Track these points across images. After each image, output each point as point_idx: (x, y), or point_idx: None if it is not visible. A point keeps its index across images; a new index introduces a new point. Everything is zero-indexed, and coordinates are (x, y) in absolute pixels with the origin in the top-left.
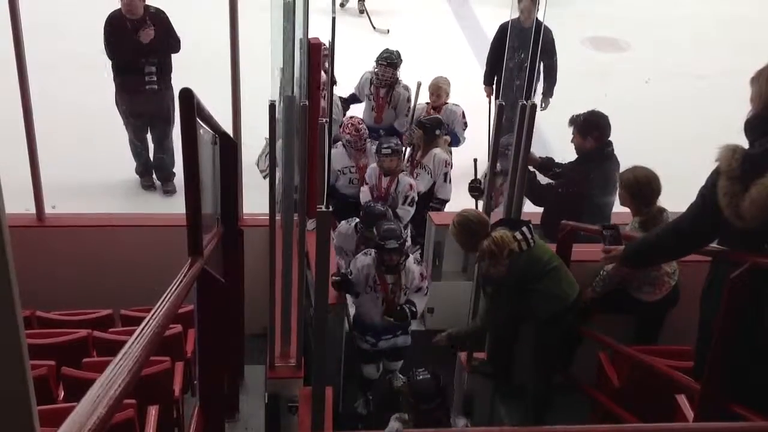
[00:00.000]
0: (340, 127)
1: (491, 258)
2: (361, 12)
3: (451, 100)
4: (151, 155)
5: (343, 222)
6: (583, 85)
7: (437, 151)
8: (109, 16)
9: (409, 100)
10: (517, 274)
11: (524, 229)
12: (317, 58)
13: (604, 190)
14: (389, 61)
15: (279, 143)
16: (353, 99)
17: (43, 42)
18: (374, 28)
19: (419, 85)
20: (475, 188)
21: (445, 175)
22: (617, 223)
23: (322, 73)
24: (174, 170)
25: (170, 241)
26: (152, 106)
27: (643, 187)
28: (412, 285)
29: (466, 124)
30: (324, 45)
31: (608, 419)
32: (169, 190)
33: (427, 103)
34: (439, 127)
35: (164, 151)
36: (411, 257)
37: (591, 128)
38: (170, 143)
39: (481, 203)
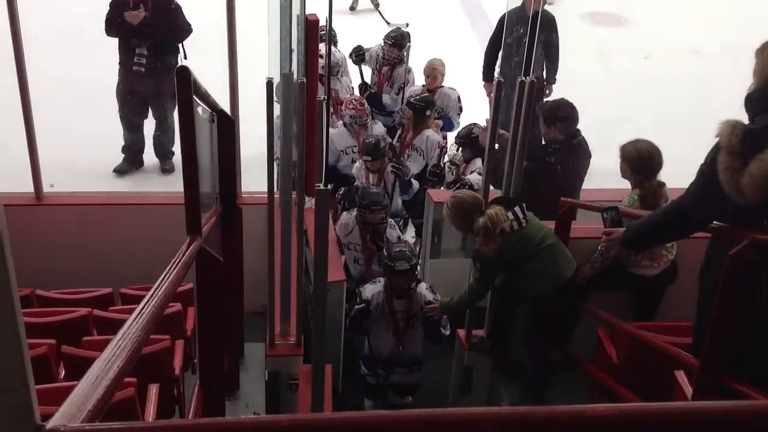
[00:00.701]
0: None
1: (485, 235)
2: (376, 6)
3: (447, 84)
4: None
5: (344, 213)
6: (582, 61)
7: (429, 132)
8: None
9: (405, 83)
10: (507, 254)
11: (516, 208)
12: (315, 36)
13: (565, 181)
14: (395, 41)
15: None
16: (362, 55)
17: (37, 15)
18: (388, 23)
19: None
20: (433, 173)
21: (438, 157)
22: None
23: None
24: (173, 149)
25: (169, 220)
26: (145, 87)
27: (645, 160)
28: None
29: (461, 109)
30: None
31: (607, 396)
32: (166, 169)
33: (423, 86)
34: (429, 107)
35: (163, 131)
36: (423, 284)
37: (554, 119)
38: (170, 124)
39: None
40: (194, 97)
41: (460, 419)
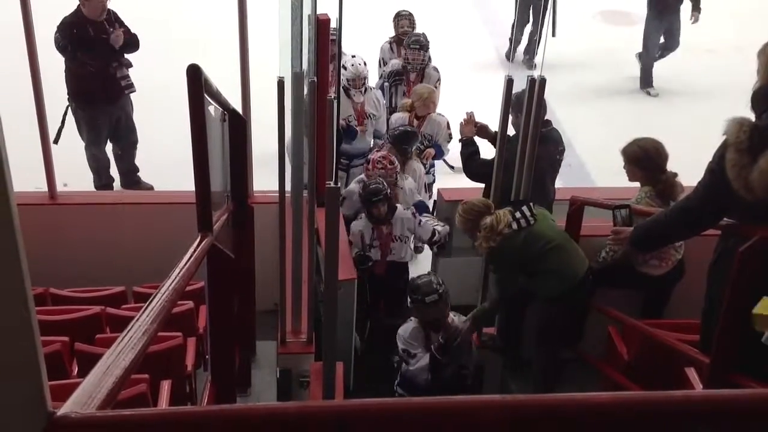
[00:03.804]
0: (368, 164)
1: (488, 232)
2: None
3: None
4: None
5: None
6: (594, 60)
7: (415, 165)
8: (66, 22)
9: (438, 80)
10: (516, 252)
11: (524, 208)
12: (326, 35)
13: (540, 170)
14: (420, 44)
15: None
16: (398, 78)
17: (50, 17)
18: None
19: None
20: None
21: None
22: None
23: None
24: (139, 175)
25: (181, 219)
26: (121, 110)
27: (653, 155)
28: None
29: (450, 136)
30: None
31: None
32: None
33: (409, 111)
34: (408, 143)
35: (128, 159)
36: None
37: (521, 108)
38: (133, 151)
39: None
40: (205, 96)
41: (463, 407)
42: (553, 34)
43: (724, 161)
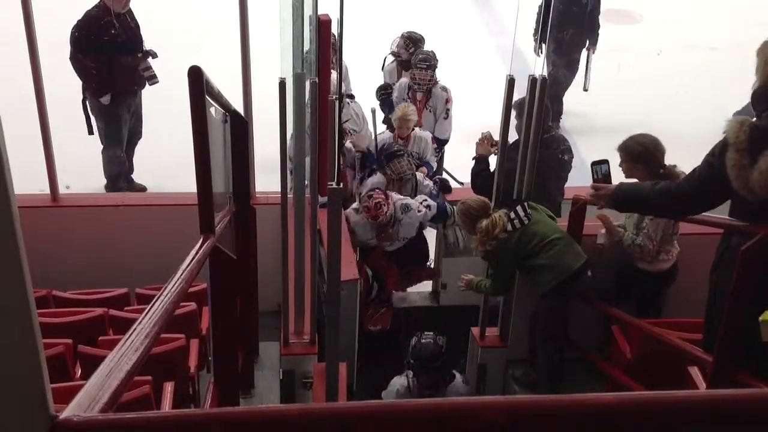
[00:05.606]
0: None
1: (484, 235)
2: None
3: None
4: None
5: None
6: (596, 58)
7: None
8: (90, 16)
9: (447, 101)
10: (509, 254)
11: (518, 208)
12: (327, 36)
13: (543, 174)
14: (428, 63)
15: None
16: (385, 93)
17: (51, 19)
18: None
19: (374, 111)
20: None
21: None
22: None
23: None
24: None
25: (184, 220)
26: (135, 105)
27: (652, 151)
28: None
29: (436, 150)
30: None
31: (620, 392)
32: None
33: (392, 131)
34: (397, 161)
35: (131, 154)
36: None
37: (523, 112)
38: (136, 144)
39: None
40: (207, 97)
41: (465, 408)
42: (585, 88)
43: (724, 159)
